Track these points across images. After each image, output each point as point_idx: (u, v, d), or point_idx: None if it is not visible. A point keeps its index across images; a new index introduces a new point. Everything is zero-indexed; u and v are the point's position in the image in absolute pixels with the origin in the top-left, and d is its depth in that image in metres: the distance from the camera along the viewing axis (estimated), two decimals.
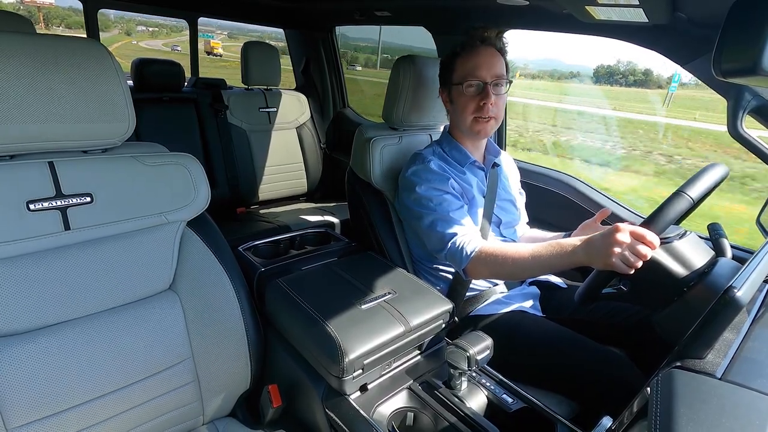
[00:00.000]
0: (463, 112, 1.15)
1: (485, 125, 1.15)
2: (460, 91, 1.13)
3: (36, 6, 36.14)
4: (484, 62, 1.11)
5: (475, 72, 1.11)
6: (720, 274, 0.87)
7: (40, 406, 0.70)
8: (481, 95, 1.12)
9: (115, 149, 0.80)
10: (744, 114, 1.00)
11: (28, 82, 0.64)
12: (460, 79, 1.13)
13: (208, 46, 34.88)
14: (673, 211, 0.85)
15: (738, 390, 0.48)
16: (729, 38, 0.50)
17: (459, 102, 1.15)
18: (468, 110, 1.14)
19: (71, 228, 0.73)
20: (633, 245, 0.80)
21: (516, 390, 0.87)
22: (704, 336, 0.54)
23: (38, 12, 35.54)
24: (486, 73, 1.11)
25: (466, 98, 1.13)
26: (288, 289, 0.98)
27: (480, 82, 1.11)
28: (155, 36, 52.98)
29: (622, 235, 0.81)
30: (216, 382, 0.90)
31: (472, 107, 1.13)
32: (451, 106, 1.20)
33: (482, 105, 1.12)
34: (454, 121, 1.22)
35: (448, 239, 1.07)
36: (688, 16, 1.03)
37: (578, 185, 1.61)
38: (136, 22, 56.40)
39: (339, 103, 2.62)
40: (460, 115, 1.16)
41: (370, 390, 0.87)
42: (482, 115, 1.13)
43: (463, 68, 1.13)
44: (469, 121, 1.15)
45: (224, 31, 46.01)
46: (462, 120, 1.16)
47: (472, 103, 1.13)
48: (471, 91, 1.12)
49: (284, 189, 2.44)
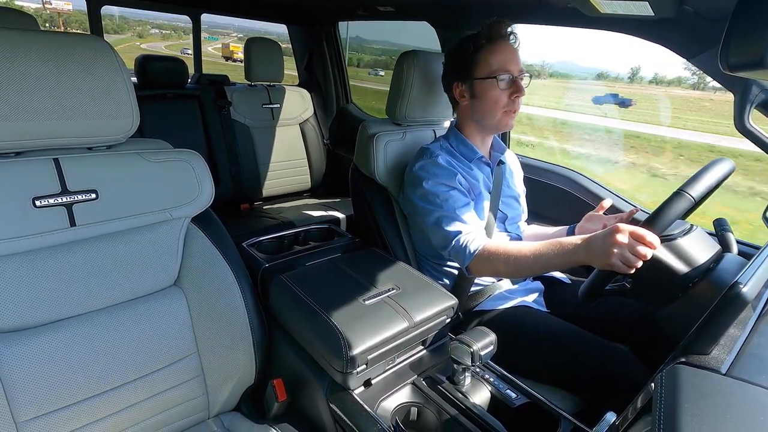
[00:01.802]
0: (494, 105, 1.13)
1: (513, 118, 1.15)
2: (490, 85, 1.11)
3: (57, 12, 38.31)
4: (513, 56, 1.11)
5: (506, 65, 1.10)
6: (725, 269, 0.86)
7: (48, 400, 0.71)
8: (512, 89, 1.12)
9: (119, 146, 0.80)
10: (751, 108, 0.99)
11: (33, 79, 0.65)
12: (488, 73, 1.11)
13: (226, 50, 31.15)
14: (673, 211, 0.85)
15: (743, 386, 0.48)
16: (736, 31, 0.50)
17: (488, 96, 1.13)
18: (500, 104, 1.13)
19: (76, 224, 0.74)
20: (632, 246, 0.80)
21: (520, 385, 0.88)
22: (709, 332, 0.54)
23: (59, 17, 37.41)
24: (515, 66, 1.11)
25: (498, 92, 1.11)
26: (292, 284, 0.98)
27: (511, 76, 1.11)
28: (167, 38, 52.94)
29: (621, 235, 0.81)
30: (221, 377, 0.91)
31: (504, 101, 1.12)
32: (474, 101, 1.16)
33: (515, 98, 1.12)
34: (476, 115, 1.18)
35: (453, 237, 1.07)
36: (694, 9, 1.02)
37: (580, 179, 1.60)
38: (153, 25, 56.73)
39: (342, 99, 2.62)
40: (490, 109, 1.14)
41: (374, 385, 0.87)
42: (513, 108, 1.13)
43: (490, 62, 1.11)
44: (500, 114, 1.14)
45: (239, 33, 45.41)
46: (491, 114, 1.14)
47: (504, 96, 1.12)
48: (504, 84, 1.11)
49: (288, 185, 2.44)
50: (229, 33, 39.01)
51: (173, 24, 53.32)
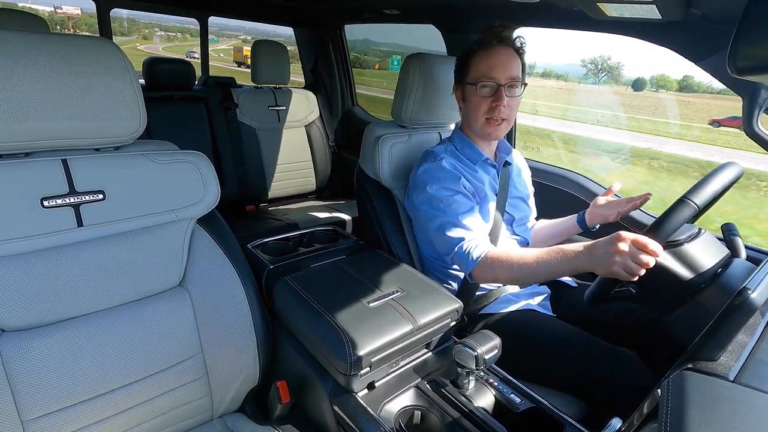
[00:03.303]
0: (475, 112, 1.13)
1: (497, 128, 1.13)
2: (473, 91, 1.12)
3: (67, 16, 40.05)
4: (500, 63, 1.09)
5: (490, 72, 1.09)
6: (734, 275, 0.85)
7: (54, 399, 0.71)
8: (494, 97, 1.10)
9: (126, 147, 0.81)
10: (760, 112, 0.98)
11: (42, 80, 0.65)
12: (473, 79, 1.11)
13: (239, 54, 26.68)
14: (676, 219, 0.84)
15: (752, 393, 0.47)
16: (745, 35, 0.49)
17: (471, 102, 1.14)
18: (480, 111, 1.12)
19: (84, 225, 0.74)
20: (634, 254, 0.79)
21: (524, 390, 0.87)
22: (717, 337, 0.54)
23: (68, 21, 38.86)
24: (501, 74, 1.09)
25: (478, 98, 1.11)
26: (296, 286, 0.98)
27: (494, 84, 1.09)
28: (171, 40, 53.37)
29: (623, 244, 0.80)
30: (225, 378, 0.91)
31: (485, 108, 1.12)
32: (464, 105, 1.19)
33: (494, 107, 1.10)
34: (466, 120, 1.20)
35: (456, 243, 1.06)
36: (702, 13, 1.01)
37: (584, 182, 1.59)
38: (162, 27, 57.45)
39: (348, 102, 2.63)
40: (472, 115, 1.15)
41: (377, 388, 0.87)
42: (493, 116, 1.11)
43: (478, 68, 1.11)
44: (481, 122, 1.14)
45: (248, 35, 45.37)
46: (474, 120, 1.15)
47: (485, 104, 1.11)
48: (484, 91, 1.10)
49: (293, 187, 2.45)
50: (237, 35, 39.02)
51: (180, 26, 53.79)
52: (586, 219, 1.25)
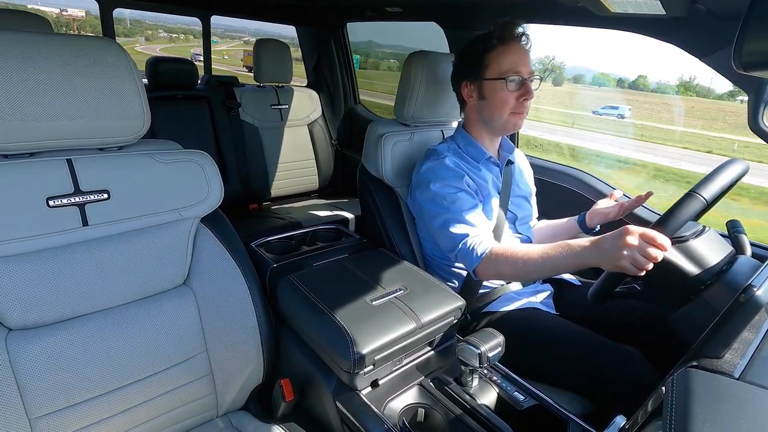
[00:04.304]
0: (502, 107, 1.13)
1: (520, 119, 1.15)
2: (499, 86, 1.11)
3: (72, 18, 40.88)
4: (522, 57, 1.10)
5: (516, 67, 1.10)
6: (739, 272, 0.85)
7: (60, 396, 0.72)
8: (521, 91, 1.11)
9: (130, 146, 0.81)
10: (765, 108, 0.97)
11: (47, 81, 0.66)
12: (498, 74, 1.11)
13: (249, 58, 26.60)
14: (685, 212, 0.84)
15: (757, 391, 0.47)
16: (750, 30, 0.49)
17: (496, 97, 1.13)
18: (507, 105, 1.12)
19: (89, 224, 0.75)
20: (643, 248, 0.79)
21: (527, 387, 0.87)
22: (722, 335, 0.53)
23: (73, 23, 39.88)
24: (524, 68, 1.10)
25: (506, 93, 1.11)
26: (300, 284, 0.99)
27: (521, 78, 1.10)
28: (173, 41, 53.34)
29: (631, 237, 0.80)
30: (229, 376, 0.91)
31: (512, 102, 1.12)
32: (482, 101, 1.16)
33: (523, 101, 1.11)
34: (484, 116, 1.18)
35: (460, 240, 1.06)
36: (706, 8, 1.00)
37: (588, 179, 1.58)
38: (166, 28, 57.67)
39: (350, 100, 2.62)
40: (497, 110, 1.14)
41: (381, 386, 0.87)
42: (520, 110, 1.13)
43: (500, 63, 1.11)
44: (507, 116, 1.14)
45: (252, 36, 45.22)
46: (498, 115, 1.14)
47: (512, 98, 1.11)
48: (513, 86, 1.10)
49: (296, 185, 2.46)
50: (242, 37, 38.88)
51: (184, 28, 53.85)
52: (587, 220, 1.25)
